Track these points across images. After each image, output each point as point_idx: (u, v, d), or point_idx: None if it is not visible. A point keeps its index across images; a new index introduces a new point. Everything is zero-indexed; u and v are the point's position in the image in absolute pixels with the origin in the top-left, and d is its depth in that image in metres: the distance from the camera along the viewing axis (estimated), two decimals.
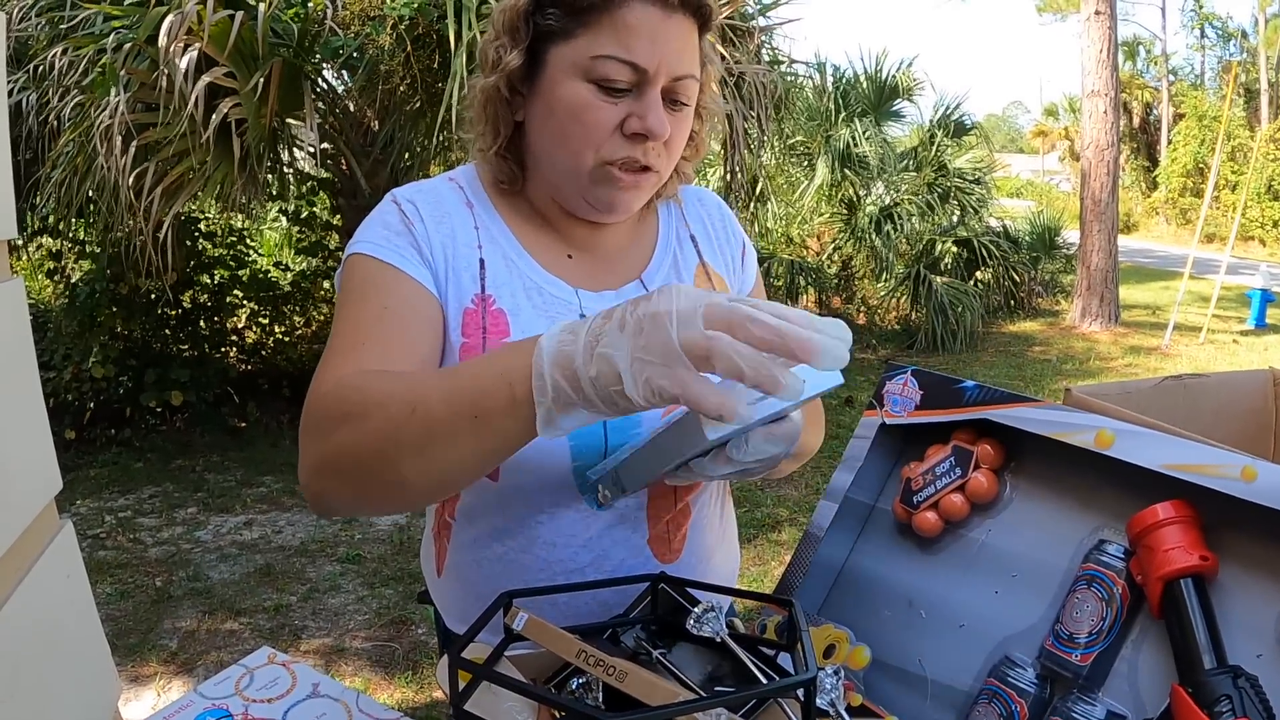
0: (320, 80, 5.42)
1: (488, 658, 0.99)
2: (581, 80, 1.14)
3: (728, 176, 6.49)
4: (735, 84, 5.78)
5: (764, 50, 6.61)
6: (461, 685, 0.91)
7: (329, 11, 4.90)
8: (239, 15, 4.57)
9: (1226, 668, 0.87)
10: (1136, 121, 29.78)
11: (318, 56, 5.08)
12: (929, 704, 1.08)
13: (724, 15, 5.63)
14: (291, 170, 6.37)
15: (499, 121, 1.22)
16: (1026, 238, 12.95)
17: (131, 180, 4.83)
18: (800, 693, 0.87)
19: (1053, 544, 1.08)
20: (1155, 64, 32.27)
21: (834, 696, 0.91)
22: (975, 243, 11.38)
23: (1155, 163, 28.62)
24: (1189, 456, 0.95)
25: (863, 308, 11.74)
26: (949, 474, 1.17)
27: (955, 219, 11.73)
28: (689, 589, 1.08)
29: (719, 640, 0.97)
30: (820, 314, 0.81)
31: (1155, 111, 30.25)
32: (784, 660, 1.03)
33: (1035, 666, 1.00)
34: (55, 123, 5.25)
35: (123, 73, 4.75)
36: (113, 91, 4.75)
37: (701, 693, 0.91)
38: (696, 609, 0.99)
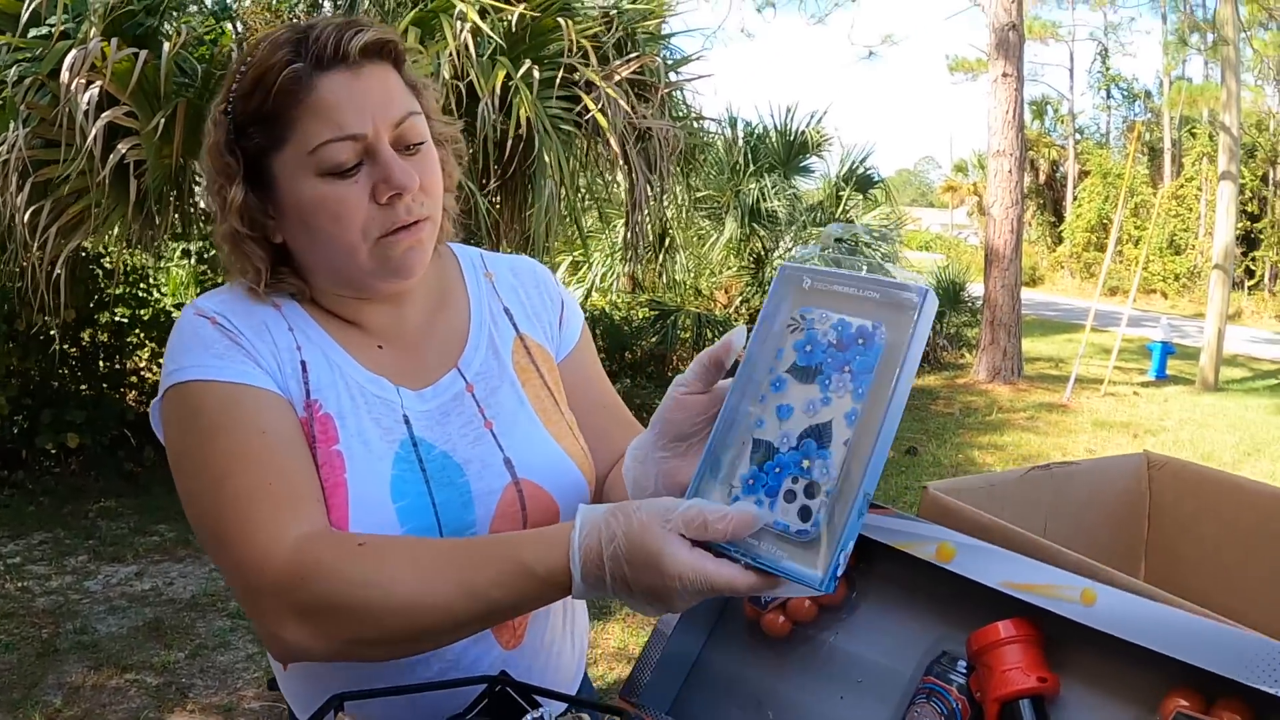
0: None
1: None
2: (314, 177, 1.10)
3: (630, 230, 6.52)
4: (639, 137, 5.82)
5: (675, 105, 6.69)
6: None
7: (234, 52, 4.84)
8: (143, 54, 4.51)
9: None
10: (1043, 178, 30.52)
11: None
12: None
13: (630, 70, 5.68)
14: (195, 210, 6.28)
15: (253, 258, 1.17)
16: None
17: (28, 216, 4.71)
18: None
19: (898, 651, 1.08)
20: (1062, 123, 33.15)
21: None
22: None
23: (1061, 218, 29.38)
24: (1029, 575, 0.97)
25: None
26: None
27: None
28: (532, 693, 1.07)
29: None
30: None
31: (1061, 168, 31.05)
32: None
33: None
34: None
35: (22, 107, 4.64)
36: (11, 125, 4.64)
37: None
38: (526, 718, 0.98)
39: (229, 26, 5.37)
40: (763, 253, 11.41)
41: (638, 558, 0.88)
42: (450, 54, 5.01)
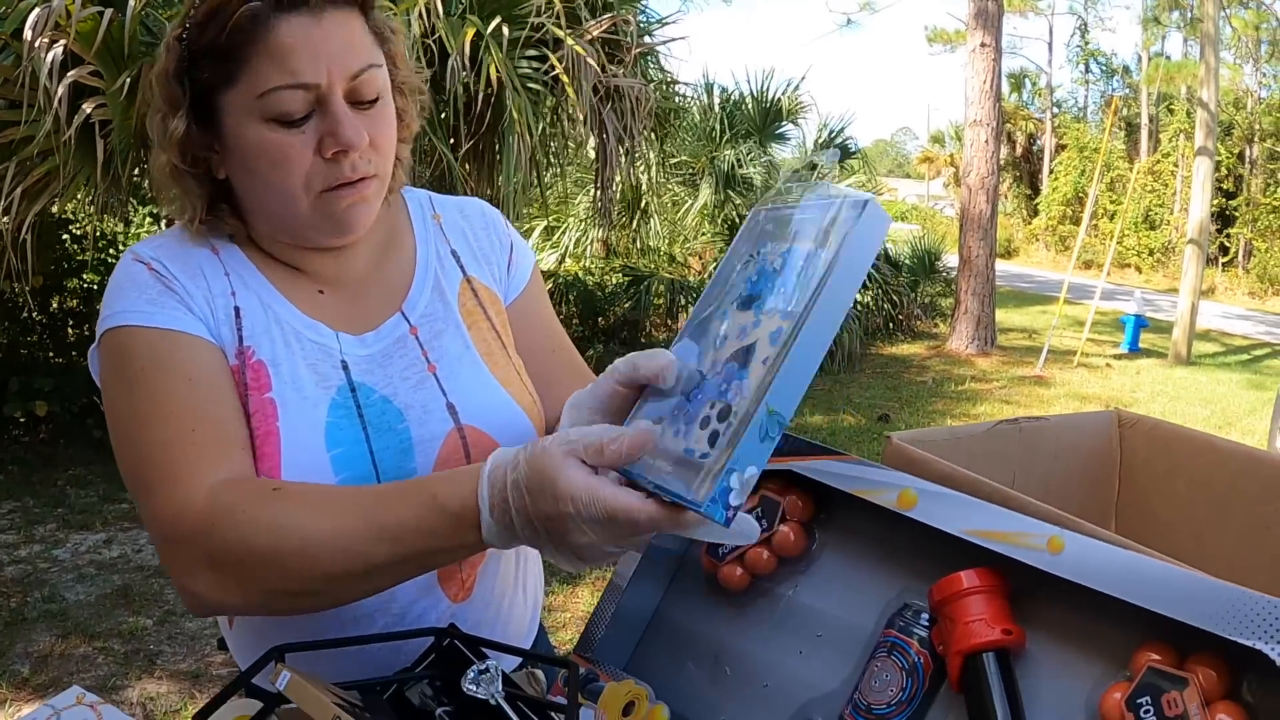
0: None
1: (252, 718, 0.94)
2: (260, 121, 1.06)
3: (599, 190, 6.47)
4: (609, 98, 5.77)
5: (648, 68, 6.63)
6: None
7: None
8: (109, 12, 4.42)
9: None
10: (1020, 150, 30.61)
11: None
12: None
13: (602, 29, 5.61)
14: None
15: (190, 193, 1.13)
16: (908, 261, 13.17)
17: None
18: None
19: (859, 604, 1.06)
20: (1040, 96, 33.21)
21: None
22: None
23: (1037, 191, 29.47)
24: (994, 523, 0.93)
25: None
26: None
27: None
28: (481, 646, 1.04)
29: (494, 703, 0.94)
30: None
31: (1039, 142, 31.12)
32: None
33: None
34: None
35: None
36: None
37: None
38: (471, 670, 0.95)
39: None
40: (737, 220, 11.36)
41: (534, 483, 0.84)
42: (420, 11, 4.93)
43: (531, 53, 5.41)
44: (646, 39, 6.43)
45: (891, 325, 12.56)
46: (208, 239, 1.17)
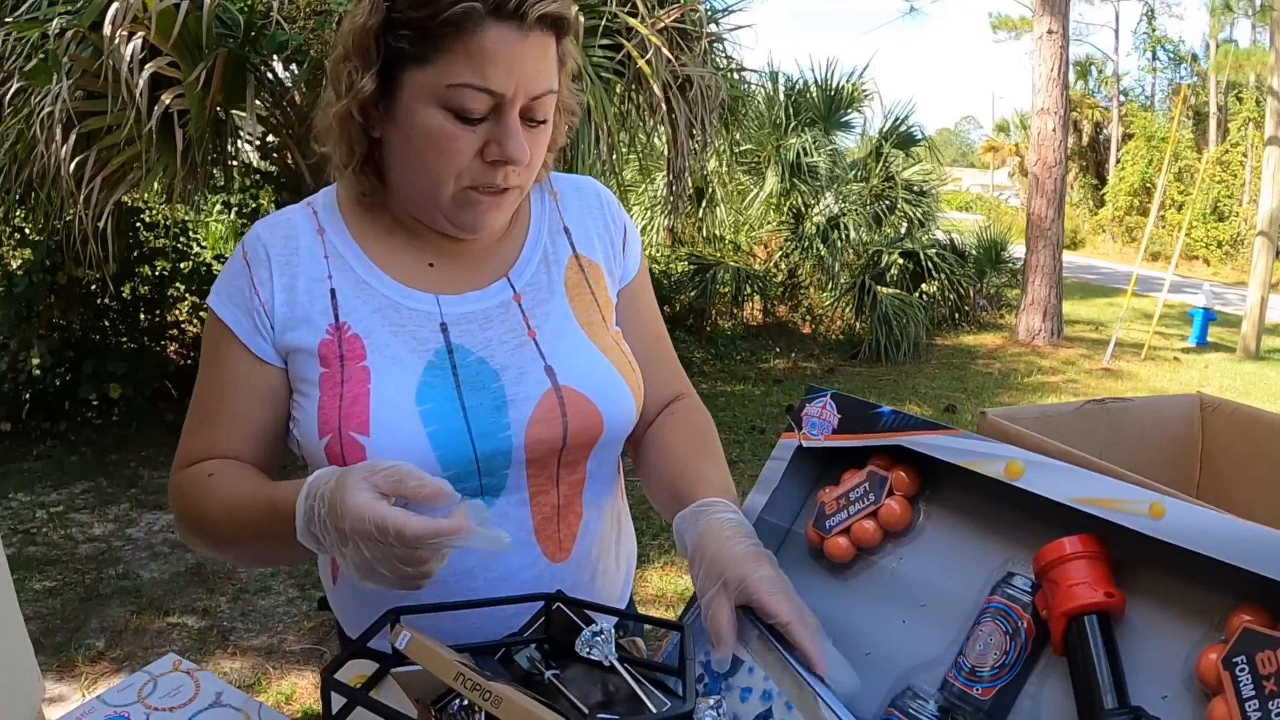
0: (268, 72, 5.35)
1: (369, 678, 0.97)
2: (437, 108, 1.12)
3: (670, 180, 6.48)
4: (680, 87, 5.77)
5: (715, 56, 6.63)
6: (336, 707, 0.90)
7: (276, 4, 4.83)
8: (184, 4, 4.50)
9: (1127, 709, 0.87)
10: (1086, 140, 30.16)
11: (263, 49, 5.02)
12: None
13: (671, 19, 5.62)
14: (236, 163, 6.30)
15: (353, 141, 1.20)
16: (973, 251, 13.04)
17: (72, 168, 4.74)
18: None
19: (963, 574, 1.07)
20: (1107, 84, 32.70)
21: None
22: (921, 255, 11.46)
23: (1103, 181, 29.02)
24: (1098, 490, 0.94)
25: (808, 317, 11.80)
26: (863, 499, 1.16)
27: (903, 231, 11.80)
28: (586, 609, 1.07)
29: (607, 665, 0.96)
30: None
31: (1105, 131, 30.63)
32: (678, 685, 1.01)
33: (937, 699, 0.99)
34: None
35: (65, 59, 4.66)
36: (54, 78, 4.66)
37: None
38: (586, 632, 0.98)
39: None
40: (802, 208, 11.32)
41: (334, 498, 0.99)
42: None
43: (605, 41, 5.43)
44: (713, 27, 6.43)
45: (957, 315, 12.47)
46: (319, 222, 1.26)
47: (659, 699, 0.95)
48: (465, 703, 0.94)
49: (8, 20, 5.07)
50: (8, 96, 4.98)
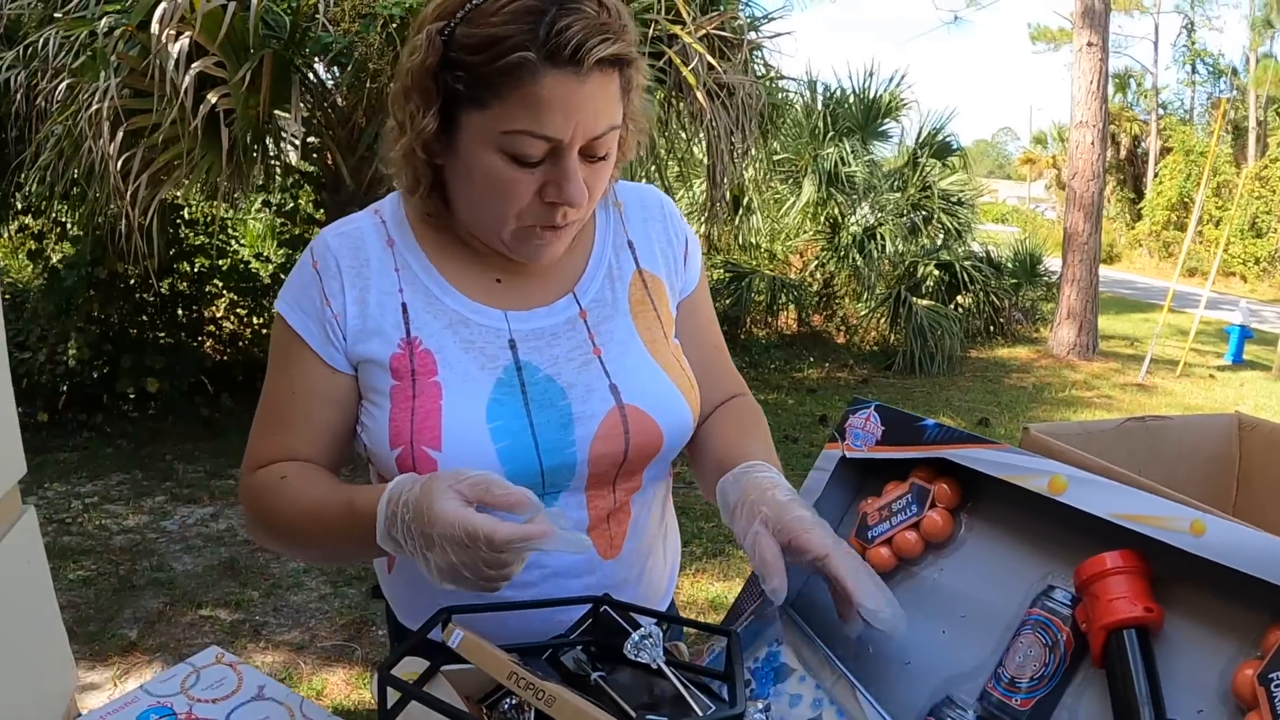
0: (311, 74, 5.41)
1: (421, 674, 1.00)
2: (495, 151, 1.12)
3: (710, 188, 6.50)
4: (724, 96, 5.79)
5: (754, 64, 6.64)
6: (391, 701, 0.92)
7: (321, 6, 4.89)
8: (231, 5, 4.57)
9: None
10: (1124, 153, 29.92)
11: (307, 50, 5.08)
12: None
13: (713, 25, 5.64)
14: (278, 162, 6.37)
15: (418, 172, 1.21)
16: (1009, 264, 12.98)
17: (119, 165, 4.81)
18: None
19: (1003, 586, 1.08)
20: (1145, 97, 32.45)
21: None
22: (957, 267, 11.41)
23: (1141, 195, 28.77)
24: (1140, 507, 0.96)
25: (842, 327, 11.77)
26: (905, 511, 1.18)
27: (939, 242, 11.76)
28: (632, 612, 1.08)
29: (655, 667, 0.98)
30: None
31: (1143, 144, 30.39)
32: (723, 690, 1.03)
33: (975, 709, 1.01)
34: (43, 104, 5.22)
35: (113, 58, 4.73)
36: (102, 76, 4.73)
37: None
38: (634, 635, 1.00)
39: None
40: (839, 218, 11.31)
41: (419, 504, 1.03)
42: None
43: (646, 49, 5.46)
44: (752, 34, 6.44)
45: (992, 328, 12.38)
46: (388, 233, 1.28)
47: (705, 703, 0.97)
48: (515, 701, 0.96)
49: (56, 17, 5.15)
50: (56, 92, 5.06)
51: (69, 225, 7.15)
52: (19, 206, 7.12)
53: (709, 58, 5.47)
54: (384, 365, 1.23)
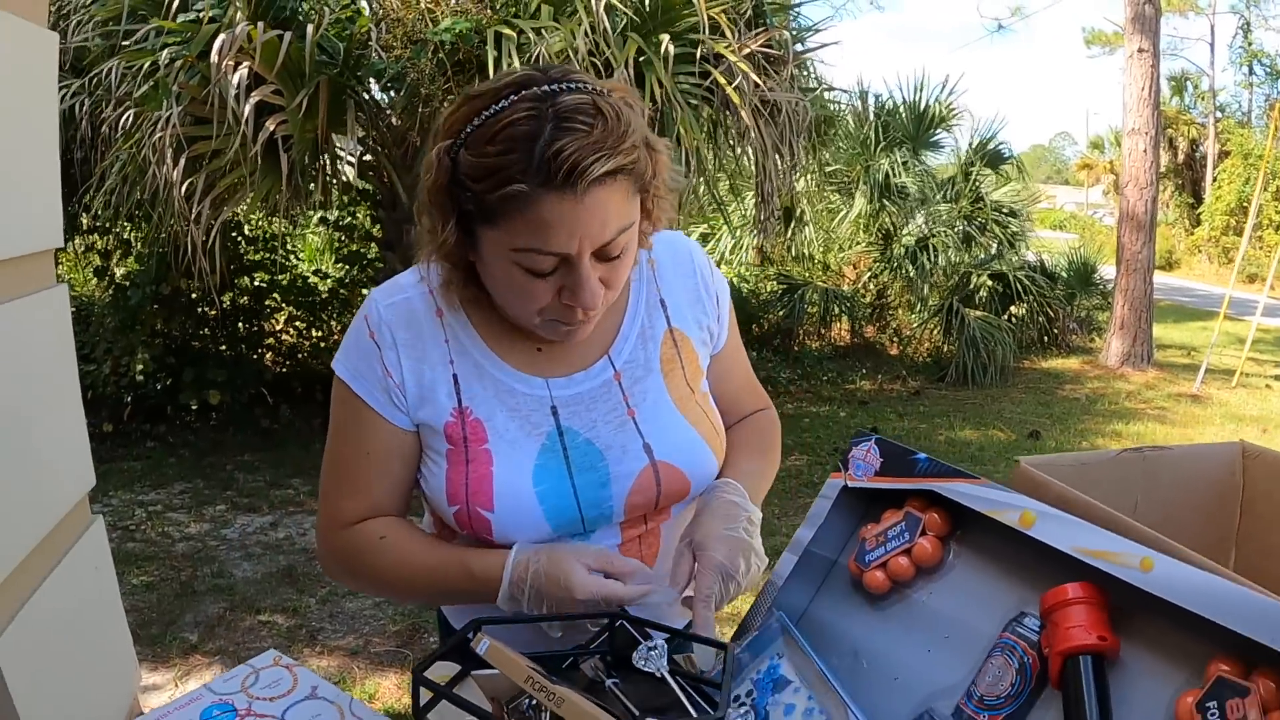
0: (366, 95, 5.57)
1: (453, 677, 1.11)
2: (510, 264, 1.20)
3: (759, 203, 6.58)
4: (770, 112, 5.87)
5: (803, 77, 6.71)
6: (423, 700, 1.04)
7: (374, 34, 5.05)
8: (287, 35, 4.73)
9: None
10: (1181, 157, 29.45)
11: (361, 75, 5.24)
12: None
13: (758, 44, 5.72)
14: (335, 181, 6.55)
15: (452, 269, 1.29)
16: (1063, 273, 12.87)
17: (183, 189, 5.01)
18: None
19: (984, 610, 1.17)
20: (1202, 100, 31.94)
21: None
22: (1010, 276, 11.36)
23: (1199, 200, 28.32)
24: (1098, 543, 1.05)
25: (895, 338, 11.77)
26: (899, 537, 1.27)
27: (992, 251, 11.71)
28: (646, 627, 1.19)
29: (659, 676, 1.08)
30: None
31: (1201, 148, 29.89)
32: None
33: None
34: (107, 131, 5.44)
35: (175, 87, 4.92)
36: (164, 105, 4.92)
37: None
38: (642, 647, 1.10)
39: (364, 5, 5.58)
40: (891, 229, 11.32)
41: (552, 573, 1.25)
42: (585, 30, 5.12)
43: (691, 68, 5.56)
44: (798, 47, 6.50)
45: (1046, 339, 12.28)
46: (438, 302, 1.37)
47: (704, 709, 1.07)
48: (533, 703, 1.07)
49: (124, 44, 5.36)
50: (120, 121, 5.27)
51: (134, 243, 7.38)
52: (85, 225, 7.37)
53: (753, 76, 5.55)
54: (439, 431, 1.35)
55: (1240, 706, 0.90)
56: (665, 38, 5.34)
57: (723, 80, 5.51)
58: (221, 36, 4.71)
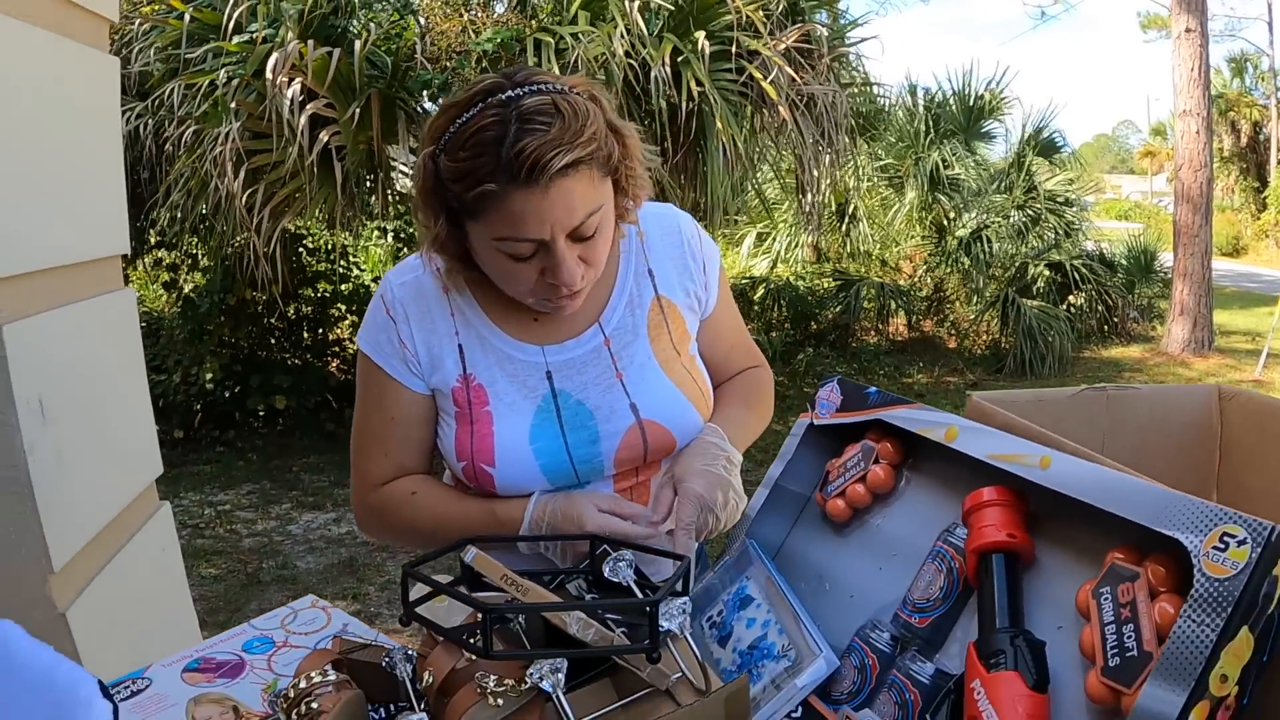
0: (417, 107, 5.77)
1: (447, 583, 1.25)
2: (494, 251, 1.35)
3: (802, 196, 6.67)
4: (806, 106, 5.97)
5: (847, 70, 6.77)
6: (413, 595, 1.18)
7: (419, 46, 5.24)
8: (336, 52, 4.95)
9: (1009, 629, 1.05)
10: (1245, 140, 28.80)
11: (409, 87, 5.43)
12: None
13: (792, 39, 5.82)
14: (390, 191, 6.76)
15: (449, 263, 1.46)
16: (1123, 261, 12.76)
17: (244, 201, 5.25)
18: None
19: (925, 528, 1.27)
20: (1263, 80, 31.18)
21: (680, 622, 1.12)
22: (1068, 266, 11.31)
23: (1265, 183, 27.68)
24: (1005, 447, 1.16)
25: (953, 331, 11.75)
26: (856, 467, 1.39)
27: (1050, 241, 11.64)
28: (624, 548, 1.33)
29: (625, 585, 1.21)
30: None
31: (1264, 130, 29.21)
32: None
33: (890, 629, 1.20)
34: (170, 149, 5.70)
35: (233, 104, 5.16)
36: (224, 121, 5.17)
37: (611, 628, 1.15)
38: (610, 559, 1.23)
39: (411, 20, 5.79)
40: (945, 221, 11.31)
41: (566, 513, 1.44)
42: (621, 33, 5.28)
43: (728, 65, 5.68)
44: (837, 44, 6.57)
45: (1105, 328, 12.20)
46: (443, 279, 1.52)
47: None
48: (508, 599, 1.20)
49: (181, 72, 5.61)
50: (182, 137, 5.53)
51: (199, 257, 7.66)
52: (153, 241, 7.66)
53: (788, 69, 5.65)
54: (448, 394, 1.52)
55: (1130, 590, 0.97)
56: (700, 35, 5.47)
57: (758, 75, 5.62)
58: (275, 55, 4.94)
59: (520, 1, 5.77)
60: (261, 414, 7.26)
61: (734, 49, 5.60)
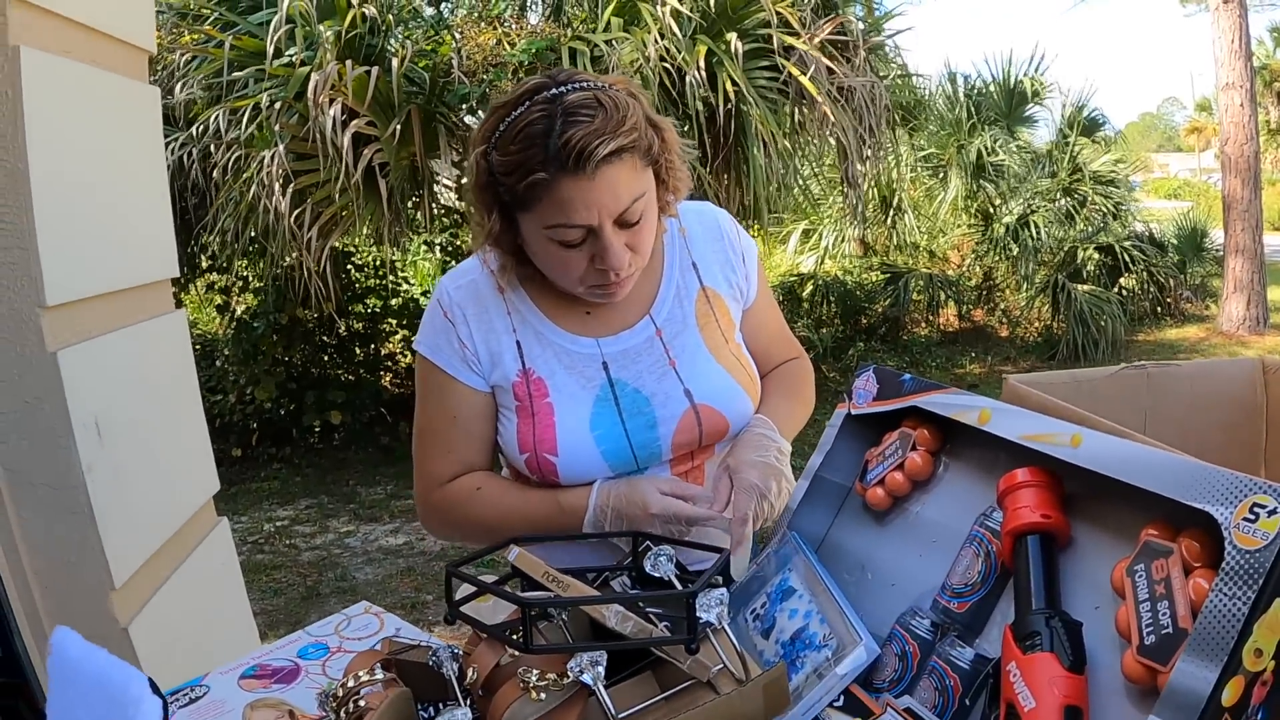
0: (456, 120, 5.83)
1: (490, 583, 1.27)
2: (546, 240, 1.43)
3: (846, 188, 6.65)
4: (845, 97, 5.95)
5: (883, 61, 6.74)
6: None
7: (455, 61, 5.30)
8: (375, 70, 5.02)
9: (1045, 610, 1.05)
10: None
11: (448, 101, 5.49)
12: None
13: (826, 33, 5.81)
14: (435, 205, 6.82)
15: (504, 255, 1.53)
16: (1173, 240, 12.56)
17: (292, 220, 5.34)
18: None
19: (964, 512, 1.28)
20: None
21: (718, 613, 1.13)
22: (1117, 248, 11.16)
23: None
24: (1036, 428, 1.16)
25: (1004, 319, 11.63)
26: (894, 455, 1.39)
27: (1098, 224, 11.49)
28: (666, 543, 1.35)
29: (666, 579, 1.23)
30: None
31: None
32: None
33: (930, 615, 1.21)
34: (218, 175, 5.80)
35: (277, 127, 5.25)
36: (270, 144, 5.26)
37: (654, 621, 1.17)
38: (651, 553, 1.26)
39: (447, 35, 5.85)
40: (991, 209, 11.21)
41: (630, 497, 1.49)
42: (654, 37, 5.30)
43: (764, 63, 5.69)
44: (872, 35, 6.54)
45: (1159, 309, 12.01)
46: (499, 281, 1.60)
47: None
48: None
49: (224, 99, 5.71)
50: (229, 163, 5.62)
51: (250, 279, 7.78)
52: (204, 265, 7.79)
53: (826, 62, 5.64)
54: (508, 390, 1.58)
55: (1164, 566, 0.97)
56: (733, 36, 5.48)
57: (795, 71, 5.62)
58: (315, 77, 5.02)
59: (553, 10, 5.82)
60: (317, 430, 7.37)
61: (773, 45, 5.60)
